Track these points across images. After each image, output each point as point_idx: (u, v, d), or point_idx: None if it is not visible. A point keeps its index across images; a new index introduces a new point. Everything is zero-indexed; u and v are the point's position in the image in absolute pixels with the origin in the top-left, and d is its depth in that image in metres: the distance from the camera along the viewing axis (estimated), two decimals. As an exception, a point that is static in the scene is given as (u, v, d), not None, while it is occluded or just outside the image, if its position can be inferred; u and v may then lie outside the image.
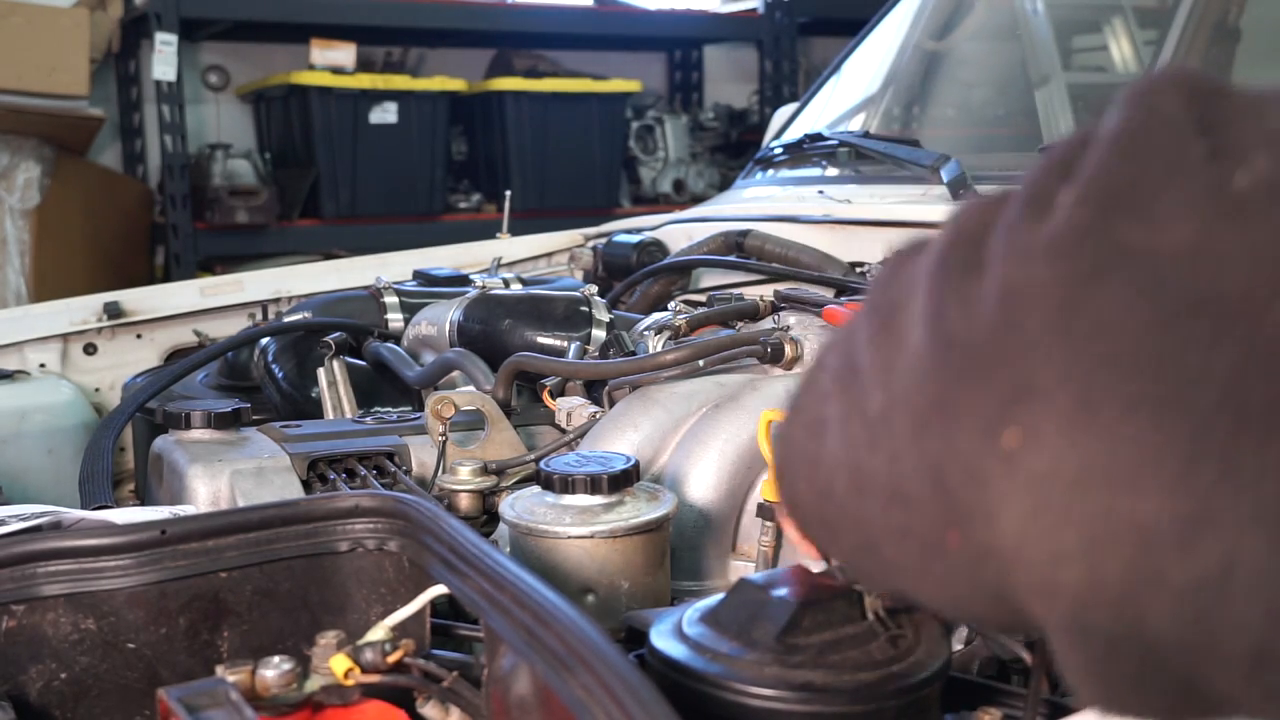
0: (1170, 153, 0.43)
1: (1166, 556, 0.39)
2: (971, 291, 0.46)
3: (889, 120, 2.44)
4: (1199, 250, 0.41)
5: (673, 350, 1.28)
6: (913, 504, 0.49)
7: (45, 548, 0.82)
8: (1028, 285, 0.43)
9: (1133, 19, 2.72)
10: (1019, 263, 0.44)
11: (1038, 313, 0.43)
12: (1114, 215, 0.43)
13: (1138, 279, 0.41)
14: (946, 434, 0.46)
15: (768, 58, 5.27)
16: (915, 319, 0.48)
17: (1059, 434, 0.41)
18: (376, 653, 0.76)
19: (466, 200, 4.75)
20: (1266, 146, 0.42)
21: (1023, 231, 0.45)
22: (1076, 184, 0.44)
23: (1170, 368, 0.39)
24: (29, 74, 3.74)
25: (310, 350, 1.67)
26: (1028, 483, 0.42)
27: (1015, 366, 0.43)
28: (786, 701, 0.68)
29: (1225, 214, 0.41)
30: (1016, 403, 0.43)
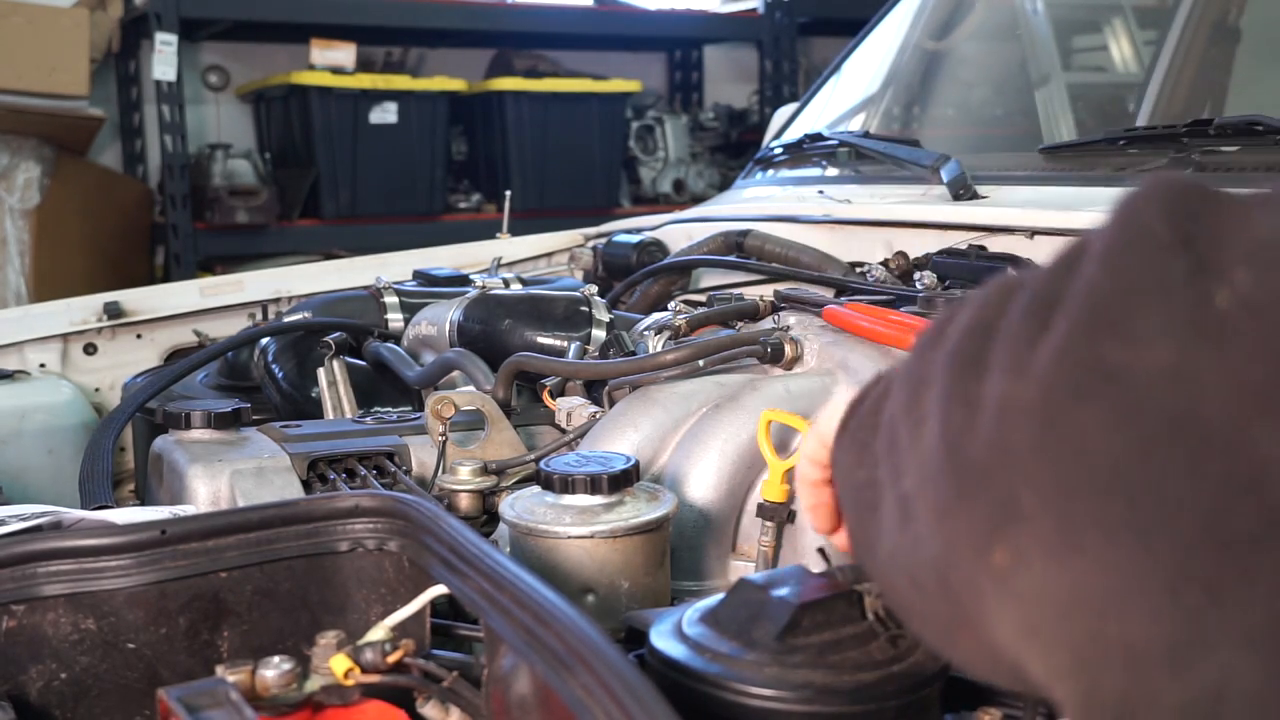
0: (1153, 271, 0.42)
1: (1158, 678, 0.39)
2: (974, 395, 0.47)
3: (889, 120, 2.44)
4: (1178, 372, 0.40)
5: (673, 350, 1.28)
6: (927, 594, 0.51)
7: (45, 548, 0.82)
8: (1018, 404, 0.44)
9: (1133, 19, 2.72)
10: (1013, 379, 0.45)
11: (1024, 433, 0.43)
12: (1098, 335, 0.43)
13: (1118, 401, 0.41)
14: (950, 540, 0.47)
15: (768, 58, 5.27)
16: (932, 408, 0.50)
17: (1045, 557, 0.42)
18: (376, 653, 0.76)
19: (466, 200, 4.75)
20: (1247, 263, 0.41)
21: (1021, 343, 0.46)
22: (1067, 301, 0.45)
23: (1150, 494, 0.39)
24: (29, 74, 3.74)
25: (310, 350, 1.66)
26: (1018, 603, 0.43)
27: (1003, 485, 0.44)
28: (786, 701, 0.68)
29: (1204, 335, 0.41)
30: (1005, 523, 0.43)
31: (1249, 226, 0.43)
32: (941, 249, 1.72)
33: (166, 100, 4.09)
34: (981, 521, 0.45)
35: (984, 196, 1.82)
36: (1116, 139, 1.75)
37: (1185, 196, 0.45)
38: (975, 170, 1.88)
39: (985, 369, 0.47)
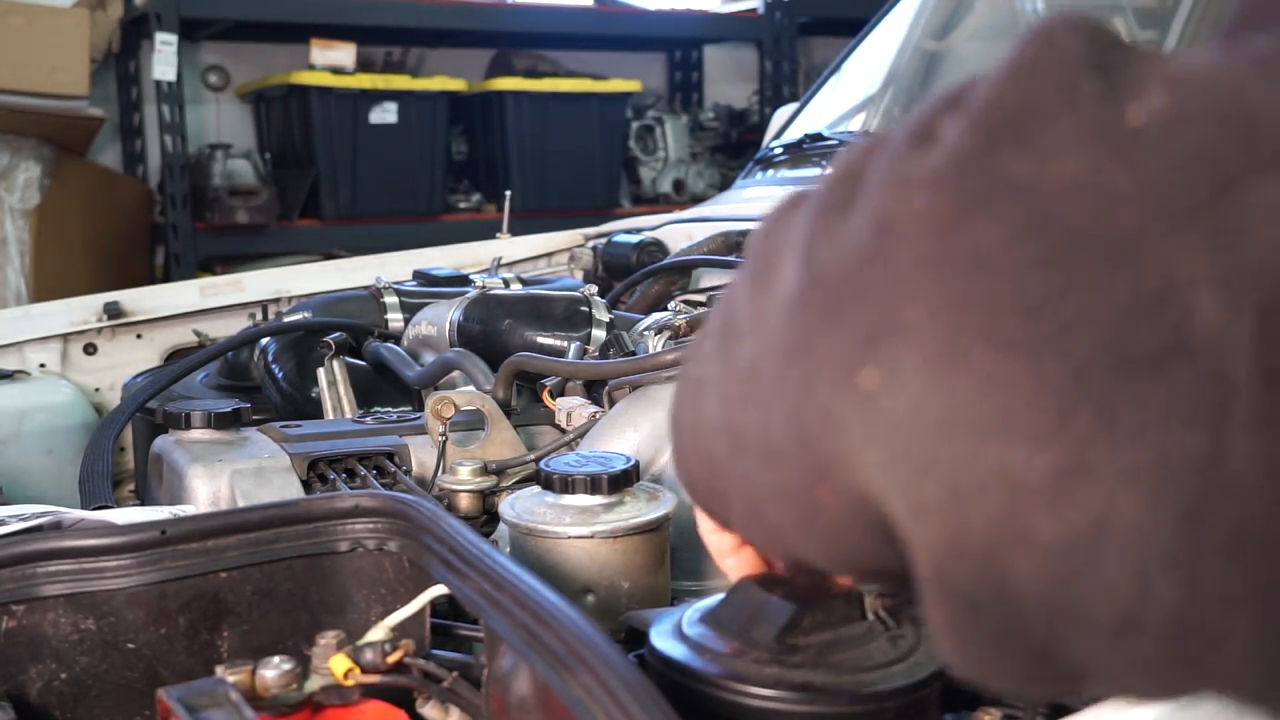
0: (1064, 86, 0.39)
1: (1035, 511, 0.36)
2: (843, 226, 0.42)
3: (889, 120, 2.44)
4: (1087, 185, 0.37)
5: (673, 350, 1.28)
6: (783, 460, 0.45)
7: (45, 548, 0.82)
8: (902, 217, 0.40)
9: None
10: (895, 193, 0.41)
11: (910, 245, 0.39)
12: (999, 145, 0.39)
13: (1020, 213, 0.38)
14: (806, 379, 0.42)
15: (768, 58, 5.27)
16: (786, 263, 0.45)
17: (922, 374, 0.38)
18: (376, 653, 0.76)
19: (466, 200, 4.75)
20: (1163, 83, 0.39)
21: (903, 162, 0.42)
22: (963, 113, 0.42)
23: (1050, 309, 0.36)
24: (29, 74, 3.74)
25: (310, 350, 1.67)
26: (885, 428, 0.39)
27: (880, 301, 0.40)
28: (786, 701, 0.68)
29: (1117, 147, 0.38)
30: (878, 340, 0.40)
31: (1162, 61, 0.40)
32: (941, 249, 1.71)
33: (166, 100, 4.09)
34: (849, 343, 0.40)
35: (984, 196, 1.82)
36: (1116, 139, 1.75)
37: (1102, 30, 0.42)
38: (975, 170, 1.87)
39: (855, 200, 0.43)
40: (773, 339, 0.45)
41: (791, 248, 0.46)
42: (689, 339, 1.40)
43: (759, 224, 0.53)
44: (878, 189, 0.42)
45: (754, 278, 0.49)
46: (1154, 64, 0.40)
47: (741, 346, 0.48)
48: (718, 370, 0.51)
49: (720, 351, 0.50)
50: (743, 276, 0.51)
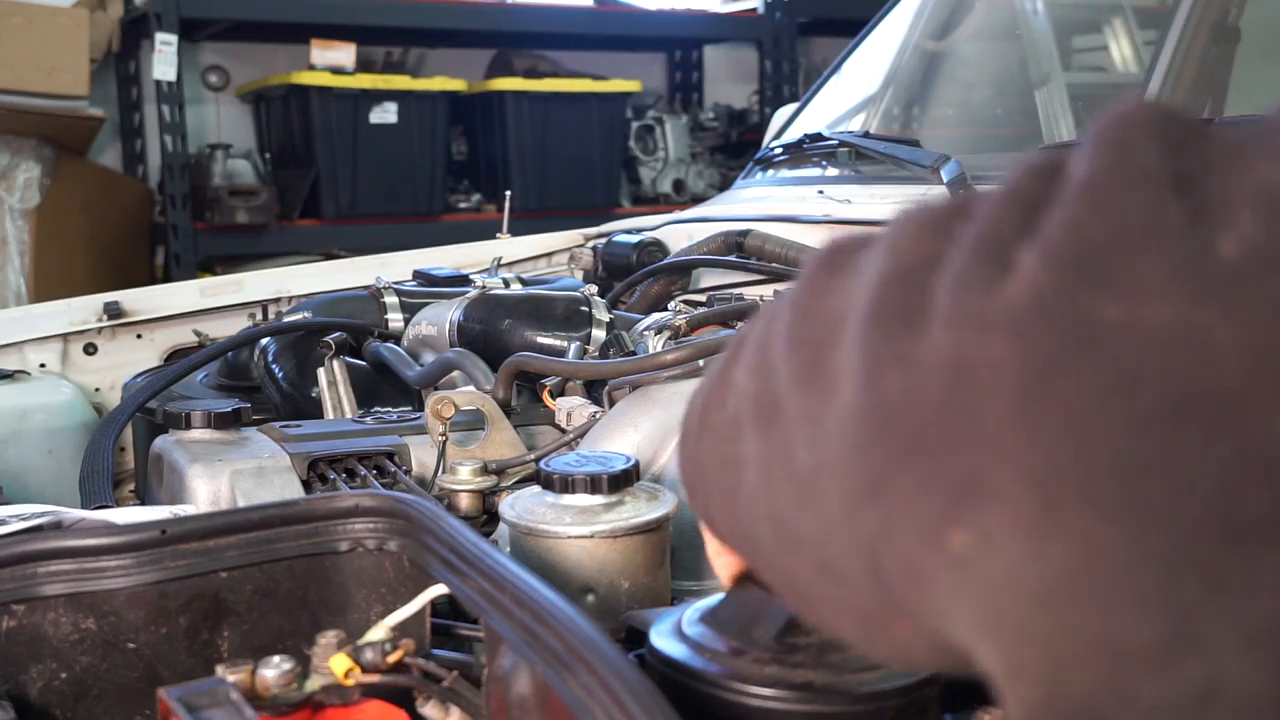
0: (1147, 212, 0.37)
1: (1141, 676, 0.35)
2: (912, 353, 0.40)
3: (889, 120, 2.44)
4: (1184, 334, 0.35)
5: (673, 350, 1.28)
6: (848, 584, 0.44)
7: (45, 548, 0.82)
8: (983, 364, 0.37)
9: (1133, 19, 2.72)
10: (972, 333, 0.38)
11: (995, 400, 0.37)
12: (1084, 285, 0.37)
13: (1112, 366, 0.35)
14: (883, 521, 0.41)
15: (768, 58, 5.27)
16: (846, 370, 0.43)
17: (1017, 542, 0.36)
18: (376, 653, 0.76)
19: (466, 200, 4.75)
20: (1252, 205, 0.36)
21: (976, 291, 0.39)
22: (1041, 241, 0.38)
23: (1151, 472, 0.34)
24: (29, 74, 3.73)
25: (310, 350, 1.66)
26: (981, 592, 0.37)
27: (966, 459, 0.38)
28: (786, 701, 0.68)
29: (1212, 291, 0.35)
30: (966, 500, 0.38)
31: (1248, 165, 0.37)
32: (941, 249, 1.72)
33: (166, 100, 4.09)
34: (934, 499, 0.38)
35: (984, 196, 1.82)
36: (1116, 139, 1.75)
37: (1175, 127, 0.39)
38: (975, 170, 1.88)
39: (924, 321, 0.40)
40: (837, 462, 0.43)
41: (849, 352, 0.43)
42: (689, 339, 1.40)
43: (802, 276, 0.51)
44: (950, 320, 0.39)
45: (805, 367, 0.46)
46: (1238, 171, 0.37)
47: (795, 448, 0.46)
48: (761, 452, 0.49)
49: (764, 433, 0.49)
50: (786, 349, 0.48)
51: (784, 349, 0.48)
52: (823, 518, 0.44)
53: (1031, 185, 0.41)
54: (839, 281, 0.47)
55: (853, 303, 0.44)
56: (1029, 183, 0.41)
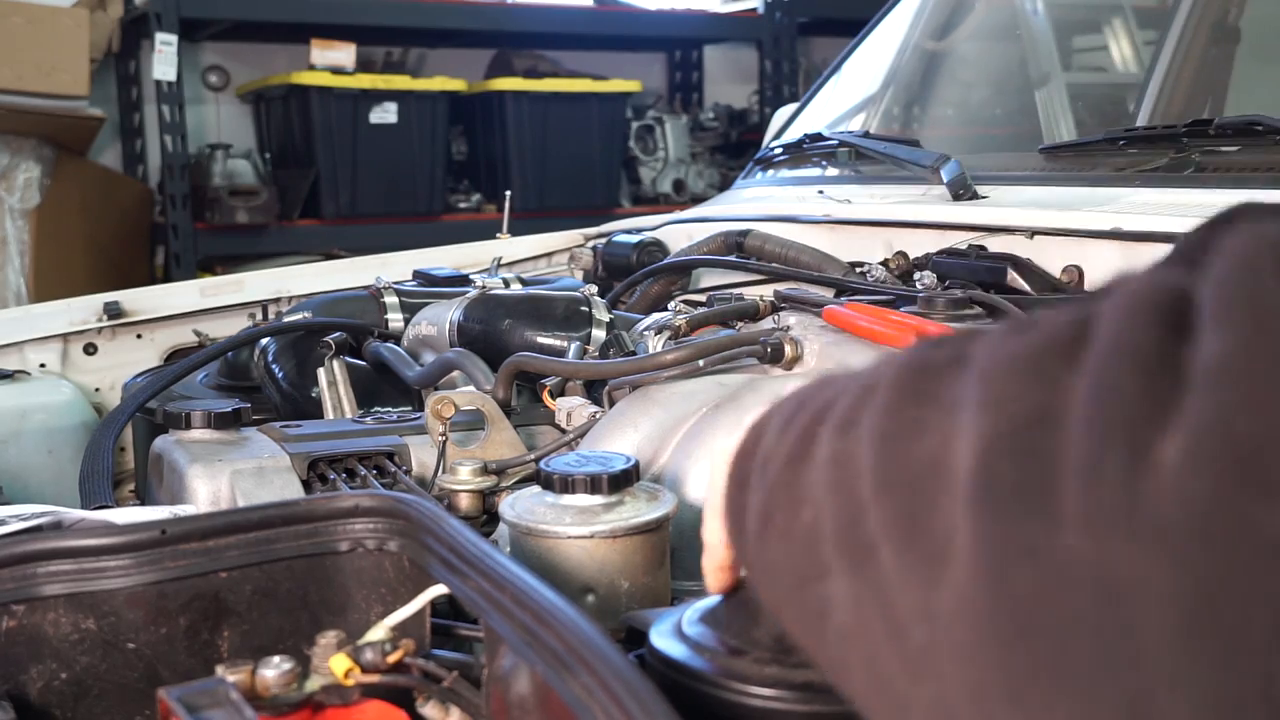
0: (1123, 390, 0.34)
1: None
2: (1044, 548, 0.36)
3: (889, 120, 2.44)
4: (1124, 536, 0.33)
5: (673, 350, 1.28)
6: None
7: (45, 548, 0.82)
8: (1138, 581, 0.34)
9: (1133, 19, 2.72)
10: (1120, 545, 0.34)
11: (1156, 622, 0.33)
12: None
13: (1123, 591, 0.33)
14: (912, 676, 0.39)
15: (768, 58, 5.27)
16: (960, 545, 0.39)
17: None
18: (376, 653, 0.76)
19: (466, 200, 4.75)
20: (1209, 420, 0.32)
21: (1113, 487, 0.35)
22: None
23: None
24: (29, 74, 3.73)
25: (310, 350, 1.66)
26: None
27: (1126, 683, 0.34)
28: (786, 701, 0.68)
29: None
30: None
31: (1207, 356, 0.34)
32: (941, 249, 1.72)
33: (166, 100, 4.09)
34: None
35: (984, 196, 1.82)
36: (1116, 139, 1.75)
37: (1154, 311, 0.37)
38: (975, 170, 1.88)
39: (1051, 509, 0.37)
40: (962, 651, 0.39)
41: (964, 523, 0.39)
42: (689, 339, 1.40)
43: (883, 393, 0.47)
44: (1088, 522, 0.35)
45: (904, 521, 0.43)
46: None
47: (898, 607, 0.43)
48: (852, 592, 0.46)
49: (855, 572, 0.46)
50: (877, 488, 0.45)
51: (871, 485, 0.45)
52: (943, 701, 0.41)
53: (1156, 345, 0.37)
54: (928, 415, 0.44)
55: (953, 457, 0.41)
56: (1152, 339, 0.37)
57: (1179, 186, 1.56)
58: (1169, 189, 1.56)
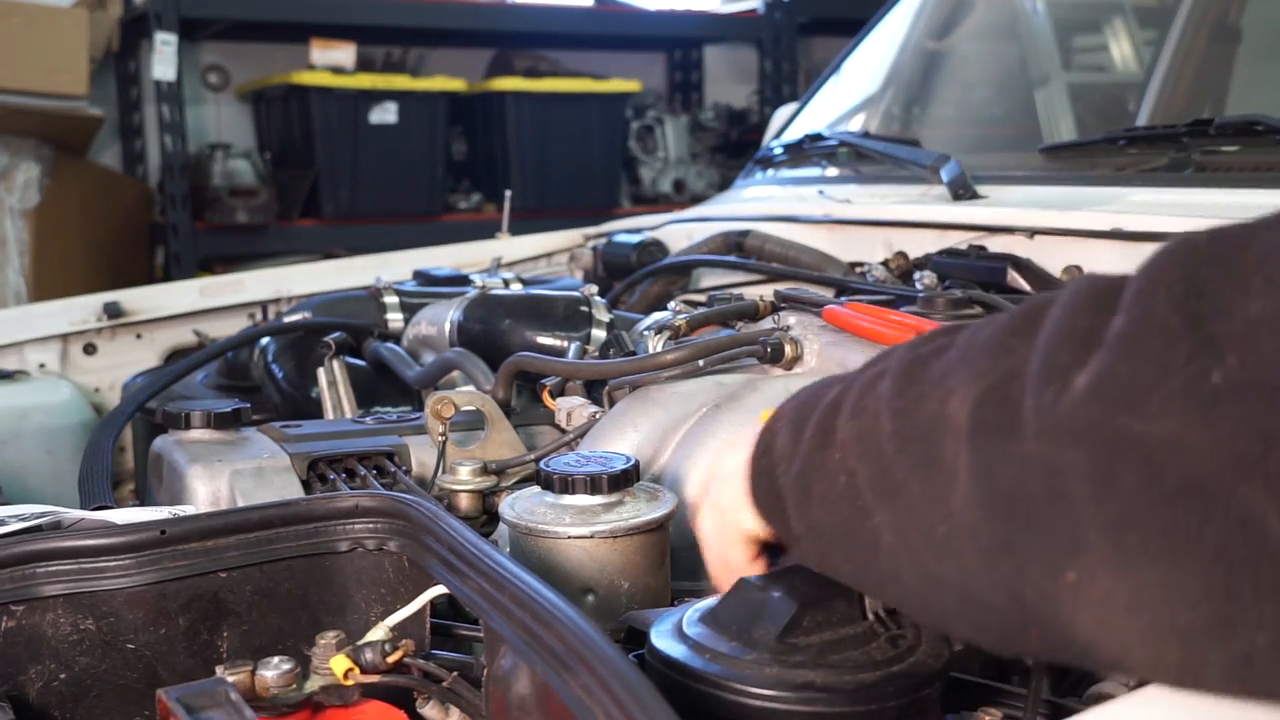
0: (1160, 356, 0.53)
1: (1205, 648, 0.52)
2: (1017, 453, 0.58)
3: (889, 120, 2.44)
4: (1181, 442, 0.52)
5: (673, 350, 1.28)
6: (991, 609, 0.62)
7: (45, 548, 0.82)
8: (1065, 464, 0.55)
9: (1133, 19, 2.72)
10: (1054, 442, 0.56)
11: (1078, 485, 0.55)
12: (1119, 410, 0.54)
13: (1144, 464, 0.53)
14: (1017, 566, 0.58)
15: (768, 58, 5.26)
16: (962, 466, 0.61)
17: (1108, 575, 0.54)
18: (376, 653, 0.76)
19: (466, 200, 4.75)
20: (1240, 342, 0.51)
21: (1049, 408, 0.57)
22: (1090, 377, 0.55)
23: (1177, 532, 0.52)
24: (29, 74, 3.73)
25: (310, 350, 1.67)
26: (1092, 606, 0.55)
27: (1067, 525, 0.56)
28: (786, 702, 0.68)
29: (1199, 410, 0.51)
30: (1073, 552, 0.55)
31: (1246, 300, 0.52)
32: (941, 249, 1.72)
33: (166, 100, 4.08)
34: (1052, 552, 0.56)
35: (984, 196, 1.82)
36: (1116, 139, 1.75)
37: (1196, 268, 0.54)
38: (975, 170, 1.88)
39: (1018, 430, 0.58)
40: (972, 529, 0.60)
41: (962, 452, 0.61)
42: (689, 339, 1.40)
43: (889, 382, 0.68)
44: (1035, 432, 0.57)
45: (922, 461, 0.63)
46: (1239, 311, 0.52)
47: (924, 515, 0.63)
48: (891, 518, 0.66)
49: (890, 504, 0.66)
50: (895, 439, 0.65)
51: (893, 444, 0.65)
52: (962, 567, 0.62)
53: (1085, 323, 0.57)
54: (925, 389, 0.65)
55: (951, 412, 0.62)
56: (1082, 320, 0.58)
57: (1179, 186, 1.56)
58: (1169, 189, 1.56)
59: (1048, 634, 0.60)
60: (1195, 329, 0.53)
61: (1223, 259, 0.54)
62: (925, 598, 0.67)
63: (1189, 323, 0.53)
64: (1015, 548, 0.58)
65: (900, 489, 0.65)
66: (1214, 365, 0.51)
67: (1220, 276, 0.53)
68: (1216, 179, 1.53)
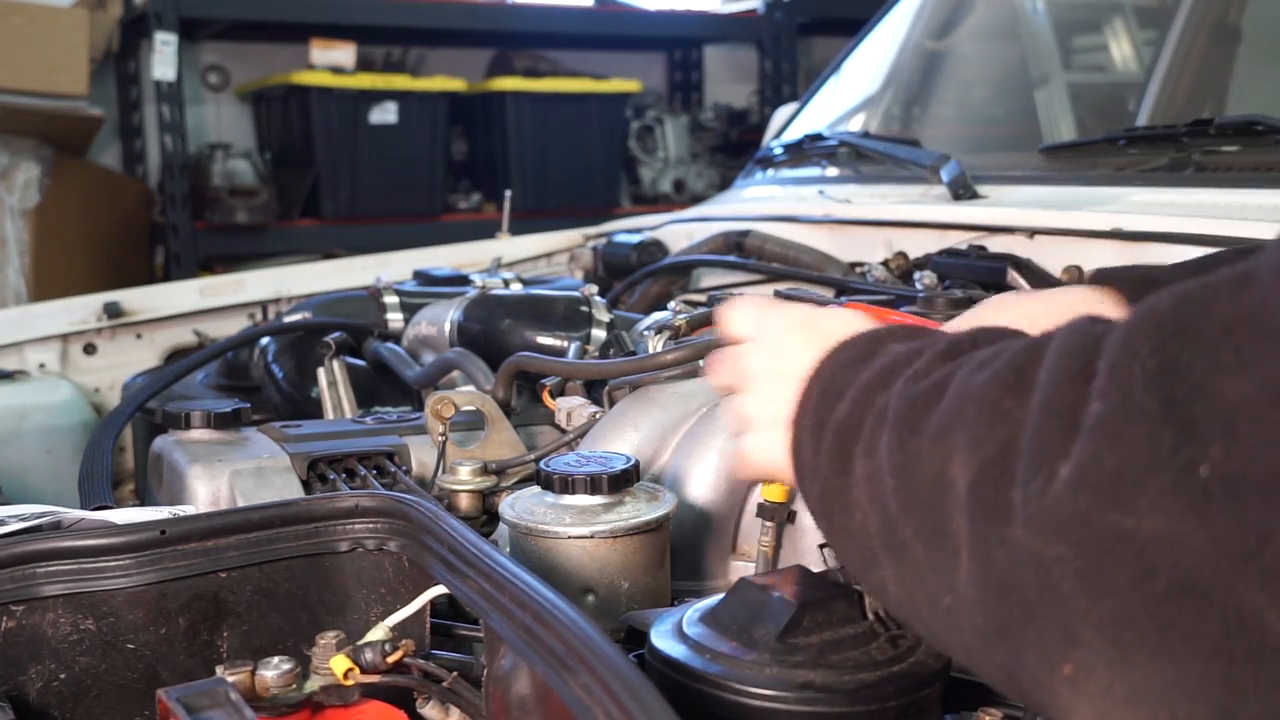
0: (1144, 446, 0.52)
1: None
2: (1010, 539, 0.57)
3: (889, 120, 2.44)
4: (1174, 539, 0.51)
5: (673, 350, 1.28)
6: (993, 680, 0.63)
7: (45, 548, 0.82)
8: (1055, 558, 0.55)
9: (1133, 19, 2.72)
10: (1040, 535, 0.56)
11: (1067, 581, 0.54)
12: (1107, 504, 0.53)
13: (1135, 561, 0.52)
14: (1014, 653, 0.58)
15: (768, 58, 5.26)
16: (963, 543, 0.60)
17: (1105, 670, 0.54)
18: (376, 653, 0.76)
19: (466, 200, 4.75)
20: (1223, 431, 0.50)
21: (1035, 499, 0.56)
22: (1075, 467, 0.54)
23: (1173, 630, 0.52)
24: (29, 74, 3.73)
25: (310, 350, 1.67)
26: (1090, 698, 0.55)
27: (1059, 619, 0.55)
28: (786, 702, 0.68)
29: (1192, 506, 0.50)
30: (1069, 647, 0.55)
31: (1220, 379, 0.51)
32: (941, 249, 1.72)
33: (166, 100, 4.08)
34: (1047, 644, 0.56)
35: (984, 196, 1.82)
36: (1117, 139, 1.75)
37: (1165, 342, 0.53)
38: (975, 170, 1.88)
39: (1009, 517, 0.58)
40: (971, 609, 0.60)
41: (963, 527, 0.60)
42: (689, 339, 1.39)
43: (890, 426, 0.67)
44: (1024, 523, 0.56)
45: (926, 527, 0.63)
46: (1215, 394, 0.51)
47: (929, 583, 0.63)
48: (896, 575, 0.66)
49: (895, 561, 0.66)
50: (902, 506, 0.65)
51: (897, 503, 0.65)
52: (964, 641, 0.62)
53: (1069, 399, 0.56)
54: (923, 446, 0.64)
55: (952, 478, 0.61)
56: (1066, 394, 0.57)
57: (1179, 186, 1.56)
58: (1169, 189, 1.56)
59: (1048, 716, 0.60)
60: (1174, 413, 0.51)
61: (1190, 330, 0.52)
62: (934, 645, 0.70)
63: (1168, 407, 0.52)
64: (1011, 636, 0.58)
65: (906, 549, 0.65)
66: (1200, 458, 0.50)
67: (1191, 351, 0.52)
68: (1216, 179, 1.53)
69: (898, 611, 0.69)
